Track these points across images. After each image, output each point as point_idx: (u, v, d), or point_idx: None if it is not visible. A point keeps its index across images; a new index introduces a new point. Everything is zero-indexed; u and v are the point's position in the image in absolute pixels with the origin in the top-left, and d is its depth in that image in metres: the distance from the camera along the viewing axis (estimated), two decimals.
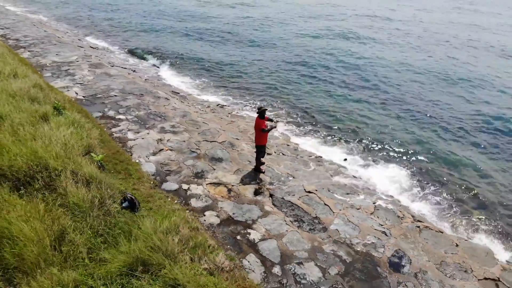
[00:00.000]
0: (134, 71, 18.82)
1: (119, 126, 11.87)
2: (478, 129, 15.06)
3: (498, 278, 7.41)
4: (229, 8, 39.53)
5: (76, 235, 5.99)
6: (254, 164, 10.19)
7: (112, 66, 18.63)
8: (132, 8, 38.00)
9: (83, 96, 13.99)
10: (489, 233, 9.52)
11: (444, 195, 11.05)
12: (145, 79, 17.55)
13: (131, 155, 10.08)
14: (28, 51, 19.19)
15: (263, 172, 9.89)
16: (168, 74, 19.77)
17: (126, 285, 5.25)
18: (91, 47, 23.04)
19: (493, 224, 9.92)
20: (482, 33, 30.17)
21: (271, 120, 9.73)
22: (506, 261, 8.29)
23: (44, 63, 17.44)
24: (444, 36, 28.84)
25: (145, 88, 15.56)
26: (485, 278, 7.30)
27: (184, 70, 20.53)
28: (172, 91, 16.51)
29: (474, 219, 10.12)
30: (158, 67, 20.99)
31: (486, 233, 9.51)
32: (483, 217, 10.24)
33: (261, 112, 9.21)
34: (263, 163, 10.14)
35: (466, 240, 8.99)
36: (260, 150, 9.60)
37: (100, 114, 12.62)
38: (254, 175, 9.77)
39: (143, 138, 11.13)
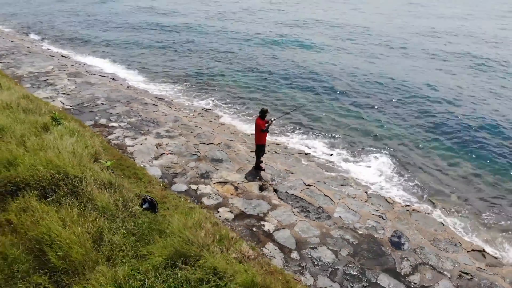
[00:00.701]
0: (113, 79, 18.83)
1: (114, 133, 12.07)
2: (442, 123, 16.22)
3: (483, 249, 8.47)
4: (185, 17, 39.17)
5: (113, 235, 6.35)
6: (253, 163, 10.80)
7: (91, 74, 18.55)
8: (91, 18, 36.98)
9: (70, 106, 14.00)
10: (462, 212, 10.59)
11: (421, 181, 12.03)
12: (127, 87, 17.65)
13: (134, 161, 10.38)
14: (0, 62, 18.69)
15: (263, 170, 10.51)
16: (144, 81, 19.82)
17: (172, 276, 5.69)
18: (62, 56, 22.66)
19: (465, 204, 11.01)
20: (429, 37, 31.79)
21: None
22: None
23: (21, 74, 17.12)
24: (396, 41, 29.83)
25: (130, 95, 15.73)
26: (473, 250, 8.33)
27: (160, 77, 20.54)
28: (157, 97, 16.74)
29: (450, 200, 11.20)
30: (130, 74, 20.90)
31: (460, 212, 10.57)
32: (456, 198, 11.36)
33: (262, 113, 9.84)
34: (262, 161, 10.75)
35: (447, 219, 10.06)
36: (261, 149, 10.22)
37: (92, 122, 12.74)
38: (255, 173, 10.37)
39: (141, 144, 11.43)
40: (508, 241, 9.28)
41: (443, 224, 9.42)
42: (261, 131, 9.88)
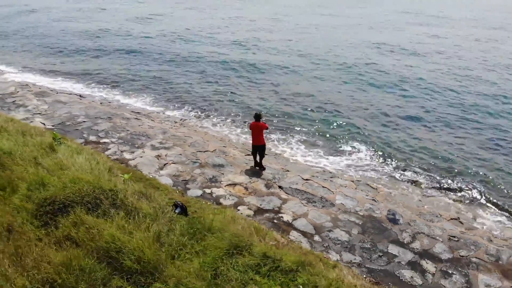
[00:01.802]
0: (81, 96, 18.63)
1: (110, 148, 12.35)
2: (399, 113, 18.55)
3: (458, 217, 10.29)
4: (137, 24, 39.05)
5: (168, 237, 7.03)
6: (251, 165, 11.78)
7: (57, 93, 18.21)
8: (50, 32, 35.19)
9: (52, 126, 13.90)
10: (431, 189, 12.46)
11: (392, 166, 13.85)
12: (101, 103, 17.64)
13: (142, 173, 10.85)
14: None
15: (265, 169, 11.55)
16: (113, 96, 19.73)
17: (234, 262, 6.54)
18: (12, 73, 21.73)
19: (434, 181, 12.92)
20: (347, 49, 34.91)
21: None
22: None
23: None
24: (317, 53, 31.73)
25: (109, 111, 15.86)
26: (451, 219, 10.09)
27: (124, 91, 20.47)
28: (133, 111, 16.98)
29: (420, 181, 13.03)
30: (95, 91, 20.63)
31: (430, 189, 12.44)
32: (424, 177, 13.22)
33: (258, 117, 10.95)
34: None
35: (423, 198, 11.85)
36: (263, 149, 11.27)
37: (82, 140, 12.86)
38: (257, 173, 11.36)
39: (141, 157, 11.87)
40: (475, 210, 11.25)
41: (420, 201, 11.18)
42: (267, 130, 11.01)
